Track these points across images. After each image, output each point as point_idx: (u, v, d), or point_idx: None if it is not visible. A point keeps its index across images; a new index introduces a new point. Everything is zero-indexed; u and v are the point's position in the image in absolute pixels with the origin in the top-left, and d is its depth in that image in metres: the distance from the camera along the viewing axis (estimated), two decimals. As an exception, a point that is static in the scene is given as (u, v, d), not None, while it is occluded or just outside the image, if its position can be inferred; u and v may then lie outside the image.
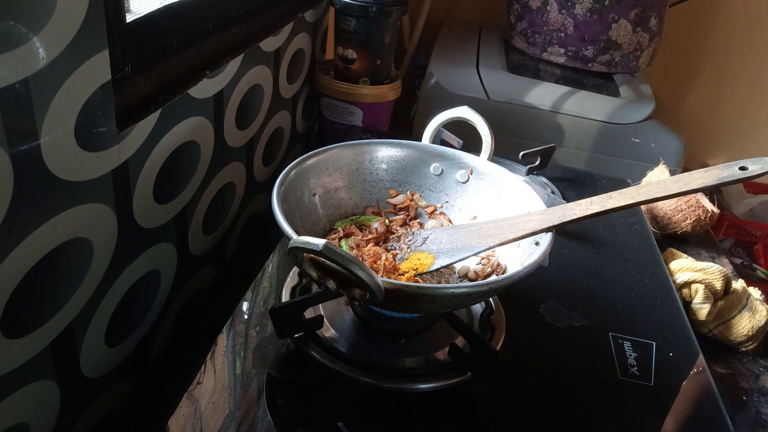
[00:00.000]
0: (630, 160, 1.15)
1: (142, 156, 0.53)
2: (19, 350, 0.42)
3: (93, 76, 0.43)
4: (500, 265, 0.58)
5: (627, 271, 0.75)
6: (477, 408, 0.54)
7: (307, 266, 0.46)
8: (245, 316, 0.60)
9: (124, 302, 0.54)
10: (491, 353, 0.51)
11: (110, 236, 0.50)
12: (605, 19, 1.23)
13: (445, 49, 1.33)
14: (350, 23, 0.97)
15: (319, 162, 0.62)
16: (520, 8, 1.33)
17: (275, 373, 0.54)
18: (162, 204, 0.58)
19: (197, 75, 0.61)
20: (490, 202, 0.63)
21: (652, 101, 1.20)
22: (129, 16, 0.51)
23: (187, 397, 0.50)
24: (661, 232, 0.93)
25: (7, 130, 0.36)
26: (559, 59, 1.30)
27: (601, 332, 0.63)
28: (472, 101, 1.07)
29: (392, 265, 0.57)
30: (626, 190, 0.51)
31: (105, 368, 0.54)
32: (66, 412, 0.49)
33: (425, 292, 0.45)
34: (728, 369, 0.71)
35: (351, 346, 0.56)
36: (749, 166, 0.46)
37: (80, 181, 0.44)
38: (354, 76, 1.02)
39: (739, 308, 0.74)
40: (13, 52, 0.36)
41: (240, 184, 0.78)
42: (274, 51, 0.81)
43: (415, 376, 0.53)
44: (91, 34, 0.42)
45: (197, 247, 0.68)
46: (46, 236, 0.42)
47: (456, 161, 0.66)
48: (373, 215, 0.65)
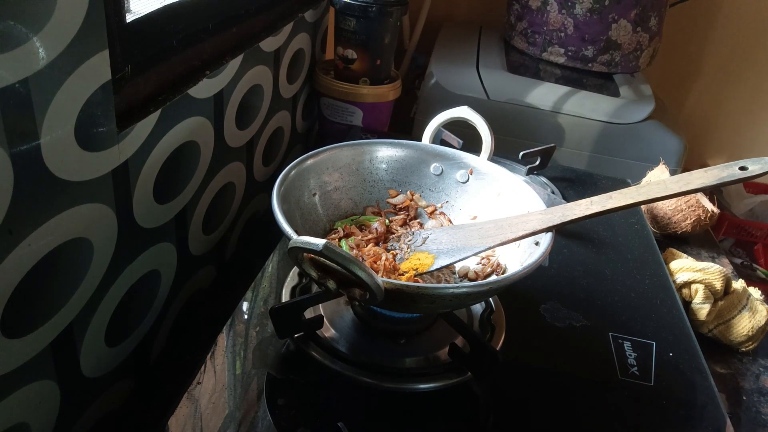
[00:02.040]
0: (630, 160, 1.15)
1: (142, 156, 0.53)
2: (19, 350, 0.42)
3: (93, 76, 0.43)
4: (500, 265, 0.58)
5: (627, 271, 0.75)
6: (477, 408, 0.54)
7: (307, 266, 0.46)
8: (245, 316, 0.60)
9: (124, 302, 0.54)
10: (491, 353, 0.51)
11: (110, 236, 0.50)
12: (605, 19, 1.23)
13: (445, 49, 1.33)
14: (350, 23, 0.97)
15: (319, 162, 0.62)
16: (520, 8, 1.33)
17: (275, 373, 0.54)
18: (162, 204, 0.58)
19: (197, 75, 0.61)
20: (490, 202, 0.63)
21: (652, 101, 1.20)
22: (129, 16, 0.51)
23: (187, 397, 0.50)
24: (661, 232, 0.93)
25: (7, 130, 0.36)
26: (559, 59, 1.30)
27: (601, 332, 0.63)
28: (472, 101, 1.07)
29: (392, 265, 0.57)
30: (626, 190, 0.51)
31: (105, 368, 0.54)
32: (66, 412, 0.49)
33: (425, 292, 0.45)
34: (728, 369, 0.71)
35: (351, 346, 0.56)
36: (749, 166, 0.46)
37: (80, 181, 0.44)
38: (354, 76, 1.02)
39: (739, 308, 0.74)
40: (13, 52, 0.36)
41: (240, 184, 0.78)
42: (274, 51, 0.81)
43: (415, 376, 0.53)
44: (91, 34, 0.42)
45: (197, 247, 0.68)
46: (46, 236, 0.42)
47: (456, 161, 0.66)
48: (373, 215, 0.65)
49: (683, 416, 0.55)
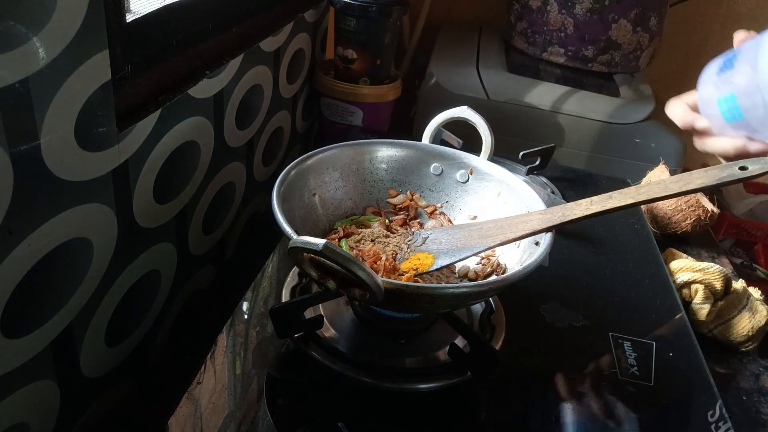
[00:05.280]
0: (630, 160, 1.15)
1: (142, 156, 0.53)
2: (19, 350, 0.42)
3: (93, 76, 0.43)
4: (500, 265, 0.58)
5: (627, 271, 0.75)
6: (477, 408, 0.54)
7: (307, 266, 0.46)
8: (245, 316, 0.60)
9: (124, 302, 0.54)
10: (491, 353, 0.51)
11: (110, 236, 0.50)
12: (605, 19, 1.23)
13: (445, 49, 1.33)
14: (350, 23, 0.97)
15: (319, 162, 0.62)
16: (520, 8, 1.33)
17: (275, 373, 0.54)
18: (162, 204, 0.58)
19: (197, 75, 0.61)
20: (490, 202, 0.63)
21: (652, 101, 1.20)
22: (129, 16, 0.51)
23: (187, 397, 0.50)
24: (661, 232, 0.93)
25: (7, 130, 0.36)
26: (559, 59, 1.29)
27: (601, 332, 0.63)
28: (472, 101, 1.07)
29: (392, 265, 0.57)
30: (626, 190, 0.51)
31: (105, 368, 0.54)
32: (66, 412, 0.49)
33: (425, 292, 0.45)
34: (728, 369, 0.71)
35: (351, 346, 0.56)
36: (749, 166, 0.46)
37: (80, 181, 0.44)
38: (354, 76, 1.02)
39: (739, 308, 0.74)
40: (13, 52, 0.36)
41: (240, 184, 0.78)
42: (274, 51, 0.81)
43: (415, 376, 0.53)
44: (91, 34, 0.42)
45: (197, 247, 0.68)
46: (46, 236, 0.42)
47: (456, 161, 0.66)
48: (373, 215, 0.65)
49: (683, 416, 0.55)
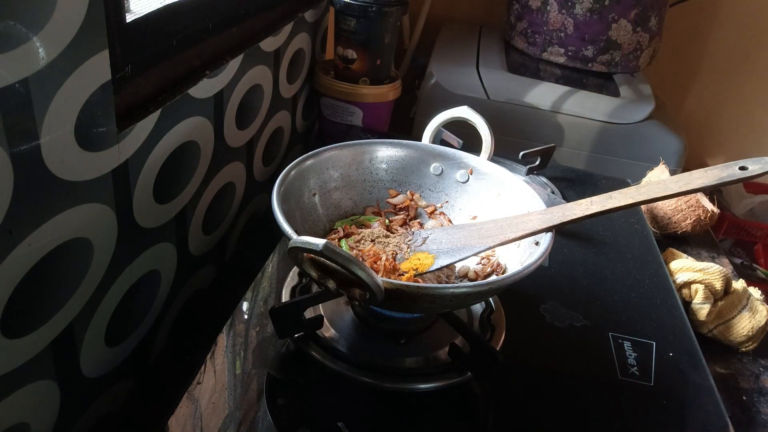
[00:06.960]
0: (630, 160, 1.15)
1: (142, 156, 0.53)
2: (19, 350, 0.42)
3: (93, 76, 0.43)
4: (500, 265, 0.58)
5: (627, 271, 0.75)
6: (477, 408, 0.54)
7: (307, 266, 0.46)
8: (245, 316, 0.60)
9: (124, 302, 0.54)
10: (491, 353, 0.51)
11: (110, 236, 0.50)
12: (605, 19, 1.23)
13: (445, 49, 1.33)
14: (350, 23, 0.97)
15: (319, 162, 0.62)
16: (520, 8, 1.33)
17: (275, 373, 0.54)
18: (162, 204, 0.58)
19: (197, 75, 0.61)
20: (490, 202, 0.63)
21: (652, 101, 1.20)
22: (129, 16, 0.51)
23: (187, 397, 0.50)
24: (661, 232, 0.93)
25: (7, 130, 0.36)
26: (559, 59, 1.30)
27: (601, 332, 0.63)
28: (472, 101, 1.07)
29: (392, 265, 0.57)
30: (626, 190, 0.51)
31: (105, 368, 0.54)
32: (66, 412, 0.49)
33: (425, 292, 0.45)
34: (728, 369, 0.71)
35: (351, 346, 0.56)
36: (749, 166, 0.46)
37: (80, 181, 0.44)
38: (354, 76, 1.02)
39: (739, 308, 0.74)
40: (13, 52, 0.36)
41: (240, 184, 0.78)
42: (274, 51, 0.81)
43: (415, 376, 0.53)
44: (91, 34, 0.42)
45: (197, 247, 0.68)
46: (46, 236, 0.42)
47: (456, 161, 0.66)
48: (373, 215, 0.65)
49: (683, 416, 0.55)
